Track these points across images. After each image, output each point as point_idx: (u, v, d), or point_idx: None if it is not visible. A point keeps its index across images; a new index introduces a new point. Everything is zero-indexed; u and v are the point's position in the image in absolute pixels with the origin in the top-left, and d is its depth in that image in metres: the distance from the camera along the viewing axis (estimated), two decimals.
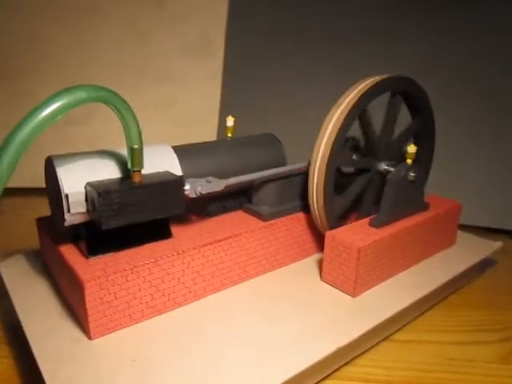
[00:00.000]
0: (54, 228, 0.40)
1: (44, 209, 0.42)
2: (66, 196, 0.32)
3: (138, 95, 0.83)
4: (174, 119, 0.85)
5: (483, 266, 0.55)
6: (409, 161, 0.43)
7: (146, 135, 0.38)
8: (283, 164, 0.46)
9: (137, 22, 0.81)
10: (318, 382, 0.36)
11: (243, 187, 0.43)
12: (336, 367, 0.37)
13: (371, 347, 0.40)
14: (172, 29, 0.82)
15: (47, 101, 0.25)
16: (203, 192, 0.37)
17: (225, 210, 0.44)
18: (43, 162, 0.36)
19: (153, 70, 0.83)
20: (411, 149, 0.43)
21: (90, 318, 0.32)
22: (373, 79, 0.42)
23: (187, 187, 0.36)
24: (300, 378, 0.32)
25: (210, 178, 0.38)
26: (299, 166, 0.44)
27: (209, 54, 0.83)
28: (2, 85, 0.82)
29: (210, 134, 0.86)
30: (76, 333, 0.34)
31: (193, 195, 0.37)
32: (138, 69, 0.83)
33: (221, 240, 0.38)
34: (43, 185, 0.37)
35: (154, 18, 0.81)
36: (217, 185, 0.38)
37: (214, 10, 0.82)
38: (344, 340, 0.33)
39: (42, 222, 0.43)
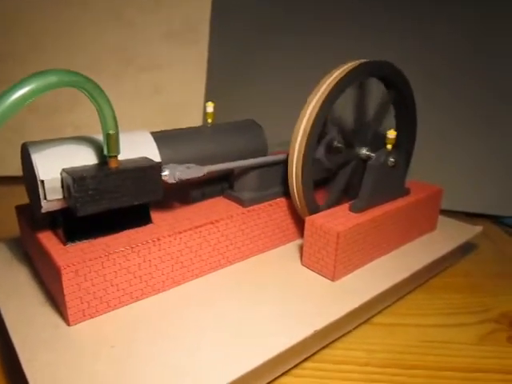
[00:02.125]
0: (32, 215, 0.40)
1: (26, 197, 0.41)
2: (42, 182, 0.31)
3: (123, 83, 0.83)
4: (159, 107, 0.85)
5: (464, 250, 0.55)
6: (389, 146, 0.43)
7: (131, 123, 0.38)
8: (264, 149, 0.46)
9: (121, 9, 0.80)
10: (298, 363, 0.36)
11: (224, 173, 0.43)
12: (316, 349, 0.37)
13: (351, 330, 0.40)
14: (157, 16, 0.81)
15: (17, 85, 0.25)
16: (182, 178, 0.37)
17: (206, 196, 0.44)
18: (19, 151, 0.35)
19: (137, 58, 0.83)
20: (391, 134, 0.43)
21: (67, 304, 0.32)
22: (348, 65, 0.42)
23: (166, 173, 0.36)
24: (279, 360, 0.33)
25: (189, 165, 0.38)
26: (280, 155, 0.44)
27: (194, 41, 0.83)
28: None
29: (196, 121, 0.85)
30: (55, 319, 0.34)
31: (172, 181, 0.36)
32: (122, 56, 0.82)
33: (199, 226, 0.38)
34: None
35: (138, 6, 0.80)
36: (197, 171, 0.38)
37: None
38: (322, 323, 0.34)
39: (21, 210, 0.42)
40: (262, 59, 0.77)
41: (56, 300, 0.35)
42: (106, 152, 0.32)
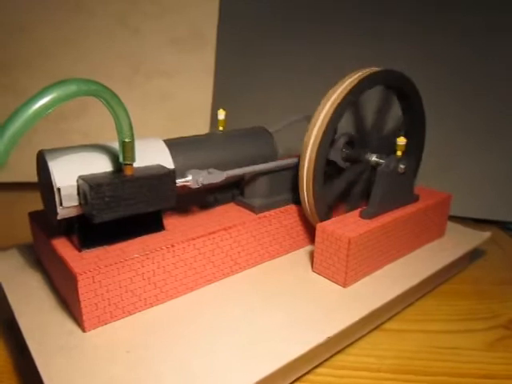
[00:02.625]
0: (46, 222, 0.40)
1: (37, 203, 0.42)
2: (58, 189, 0.32)
3: (131, 90, 0.83)
4: (167, 113, 0.85)
5: (473, 256, 0.56)
6: (399, 153, 0.44)
7: (139, 129, 0.38)
8: (274, 156, 0.46)
9: (128, 16, 0.80)
10: (311, 370, 0.36)
11: (235, 180, 0.43)
12: (328, 356, 0.38)
13: (362, 336, 0.41)
14: (163, 23, 0.82)
15: (38, 95, 0.25)
16: (205, 182, 0.38)
17: (217, 202, 0.44)
18: (33, 157, 0.36)
19: (145, 65, 0.83)
20: (401, 141, 0.43)
21: (83, 311, 0.33)
22: (361, 72, 0.42)
23: (189, 178, 0.37)
24: (292, 367, 0.33)
25: (210, 170, 0.39)
26: (291, 160, 0.45)
27: (201, 47, 0.83)
28: None
29: (203, 127, 0.86)
30: (70, 325, 0.34)
31: (195, 186, 0.37)
32: (130, 64, 0.83)
33: (212, 232, 0.39)
34: (34, 179, 0.37)
35: (144, 13, 0.81)
36: (218, 176, 0.39)
37: (205, 3, 0.82)
38: (334, 329, 0.34)
39: (34, 216, 0.43)
40: (269, 65, 0.78)
41: (70, 306, 0.35)
42: (121, 160, 0.33)
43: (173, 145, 0.39)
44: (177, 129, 0.85)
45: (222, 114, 0.44)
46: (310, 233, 0.47)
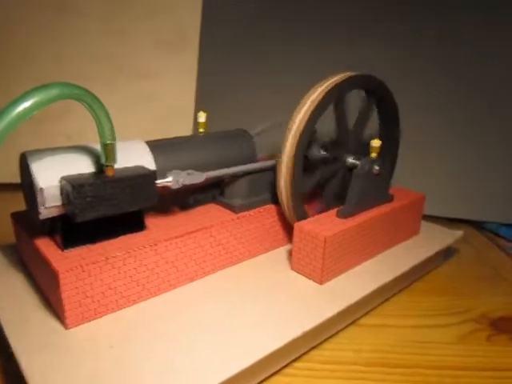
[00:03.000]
0: (29, 222, 0.41)
1: (21, 204, 0.42)
2: (41, 190, 0.33)
3: (114, 91, 0.84)
4: (150, 114, 0.86)
5: (446, 254, 0.57)
6: (373, 154, 0.45)
7: (122, 131, 0.39)
8: (253, 157, 0.47)
9: (112, 18, 0.81)
10: (288, 363, 0.38)
11: (215, 181, 0.45)
12: (305, 350, 0.39)
13: (339, 331, 0.42)
14: (147, 25, 0.82)
15: (20, 98, 0.26)
16: (185, 183, 0.39)
17: (197, 202, 0.45)
18: (16, 158, 0.36)
19: (129, 66, 0.84)
20: (376, 143, 0.45)
21: (65, 308, 0.33)
22: (338, 76, 0.44)
23: (170, 179, 0.38)
24: (270, 360, 0.34)
25: (190, 171, 0.40)
26: (270, 162, 0.46)
27: (184, 49, 0.84)
28: None
29: (186, 129, 0.87)
30: (52, 323, 0.35)
31: (176, 186, 0.38)
32: (113, 65, 0.83)
33: (193, 231, 0.40)
34: (17, 180, 0.38)
35: (129, 15, 0.82)
36: (198, 177, 0.40)
37: (188, 6, 0.83)
38: (310, 324, 0.35)
39: (17, 217, 0.43)
40: (251, 67, 0.79)
41: (53, 304, 0.36)
42: (103, 161, 0.34)
43: (154, 146, 0.40)
44: (160, 130, 0.86)
45: (202, 117, 0.46)
46: (289, 232, 0.48)
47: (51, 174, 0.33)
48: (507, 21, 0.63)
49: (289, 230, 0.48)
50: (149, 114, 0.86)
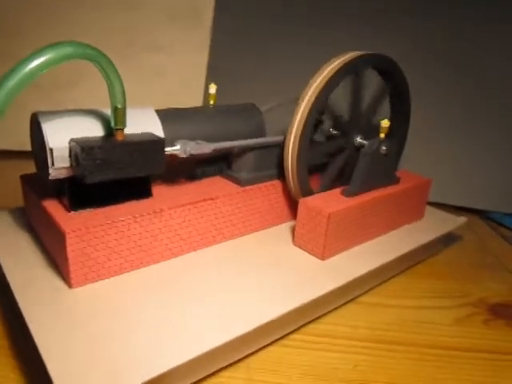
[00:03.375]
0: (38, 184, 0.41)
1: (28, 170, 0.43)
2: (51, 150, 0.33)
3: (125, 64, 0.83)
4: (160, 88, 0.86)
5: (449, 240, 0.58)
6: (382, 135, 0.45)
7: (133, 103, 0.39)
8: (262, 132, 0.47)
9: None
10: (286, 335, 0.38)
11: (223, 154, 0.45)
12: (303, 323, 0.40)
13: (338, 307, 0.43)
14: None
15: (34, 54, 0.26)
16: (193, 152, 0.39)
17: (205, 174, 0.46)
18: (26, 126, 0.37)
19: (141, 38, 0.84)
20: (384, 123, 0.45)
21: (70, 268, 0.34)
22: (350, 54, 0.44)
23: (178, 147, 0.38)
24: (268, 329, 0.35)
25: (198, 141, 0.40)
26: (278, 137, 0.46)
27: (197, 24, 0.84)
28: None
29: (195, 104, 0.87)
30: (57, 282, 0.36)
31: (183, 155, 0.39)
32: (126, 36, 0.83)
33: (198, 201, 0.40)
34: (28, 148, 0.38)
35: None
36: (205, 147, 0.40)
37: None
38: (308, 297, 0.36)
39: (26, 179, 0.44)
40: (263, 46, 0.79)
41: (59, 265, 0.37)
42: (113, 125, 0.34)
43: (164, 115, 0.40)
44: (169, 104, 0.86)
45: (213, 88, 0.46)
46: (293, 208, 0.48)
47: (61, 135, 0.34)
48: None
49: (293, 206, 0.48)
50: (159, 87, 0.86)
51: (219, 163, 0.47)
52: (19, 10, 0.80)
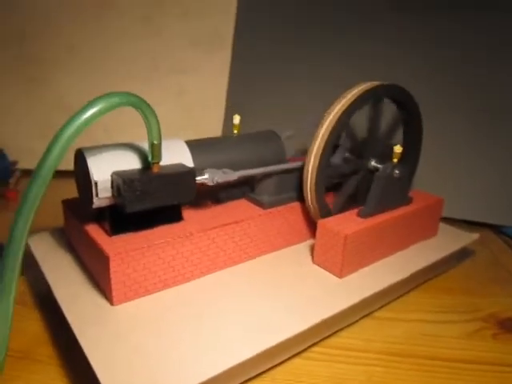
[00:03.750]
0: (78, 209, 0.46)
1: (63, 189, 0.48)
2: (96, 183, 0.37)
3: (150, 87, 0.89)
4: (182, 110, 0.91)
5: (462, 255, 0.60)
6: (395, 160, 0.49)
7: None
8: (283, 157, 0.51)
9: (152, 17, 0.85)
10: (307, 348, 0.41)
11: (247, 179, 0.49)
12: (322, 337, 0.43)
13: (354, 322, 0.46)
14: (184, 23, 0.87)
15: (86, 106, 0.30)
16: (220, 181, 0.43)
17: (229, 198, 0.49)
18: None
19: (164, 62, 0.89)
20: (397, 149, 0.48)
21: (113, 287, 0.38)
22: (365, 85, 0.47)
23: (206, 176, 0.42)
24: (291, 344, 0.38)
25: (225, 170, 0.44)
26: (297, 163, 0.50)
27: (218, 48, 0.88)
28: (19, 73, 0.87)
29: (216, 125, 0.91)
30: (99, 299, 0.40)
31: (211, 183, 0.43)
32: (150, 60, 0.88)
33: (225, 224, 0.44)
34: (62, 167, 0.42)
35: (167, 13, 0.86)
36: (231, 176, 0.44)
37: (224, 6, 0.87)
38: (328, 313, 0.39)
39: (68, 204, 0.48)
40: (281, 70, 0.82)
41: (100, 283, 0.41)
42: (150, 159, 0.38)
43: (193, 146, 0.44)
44: (191, 126, 0.91)
45: (236, 119, 0.49)
46: (312, 228, 0.52)
47: (104, 169, 0.38)
48: None
49: (312, 226, 0.52)
50: (181, 109, 0.91)
51: (243, 187, 0.50)
52: (48, 36, 0.86)
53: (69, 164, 0.43)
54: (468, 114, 0.70)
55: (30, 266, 0.47)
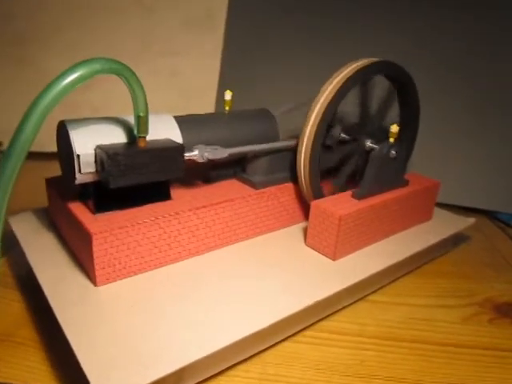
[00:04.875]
0: (62, 187, 0.44)
1: (48, 170, 0.46)
2: (78, 156, 0.35)
3: (140, 66, 0.86)
4: (173, 90, 0.88)
5: (457, 240, 0.59)
6: (391, 139, 0.47)
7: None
8: (276, 137, 0.49)
9: None
10: (298, 331, 0.40)
11: (238, 157, 0.47)
12: (314, 320, 0.41)
13: (348, 305, 0.44)
14: (176, 3, 0.84)
15: (66, 72, 0.28)
16: (210, 157, 0.41)
17: (220, 177, 0.48)
18: (46, 128, 0.39)
19: (156, 43, 0.86)
20: (394, 128, 0.46)
21: (96, 267, 0.36)
22: (361, 62, 0.45)
23: (196, 152, 0.40)
24: (281, 326, 0.37)
25: (215, 146, 0.42)
26: (291, 142, 0.48)
27: (210, 29, 0.86)
28: (6, 53, 0.84)
29: (208, 106, 0.89)
30: (83, 280, 0.38)
31: (200, 160, 0.41)
32: (141, 40, 0.86)
33: (215, 204, 0.42)
34: (46, 149, 0.40)
35: None
36: (221, 152, 0.42)
37: None
38: (321, 295, 0.38)
39: (51, 182, 0.46)
40: (275, 50, 0.80)
41: (84, 264, 0.39)
42: (136, 132, 0.36)
43: (182, 121, 0.42)
44: (182, 106, 0.89)
45: (228, 95, 0.47)
46: (305, 210, 0.50)
47: (87, 142, 0.36)
48: None
49: (305, 208, 0.50)
50: (172, 89, 0.88)
51: (233, 166, 0.49)
52: (36, 16, 0.83)
53: (52, 145, 0.41)
54: (466, 101, 0.68)
55: (12, 246, 0.45)
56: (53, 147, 0.41)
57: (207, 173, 0.47)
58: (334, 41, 0.74)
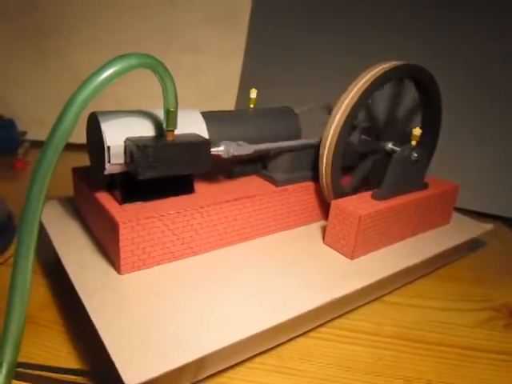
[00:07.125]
0: (88, 177, 0.45)
1: (73, 161, 0.47)
2: (108, 148, 0.36)
3: (163, 60, 0.87)
4: (196, 86, 0.89)
5: (474, 245, 0.59)
6: (413, 142, 0.47)
7: None
8: (298, 135, 0.50)
9: None
10: (314, 328, 0.41)
11: (260, 154, 0.48)
12: (331, 317, 0.42)
13: (363, 305, 0.45)
14: (200, 1, 0.85)
15: (104, 67, 0.29)
16: (235, 153, 0.42)
17: (243, 174, 0.48)
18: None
19: (180, 38, 0.87)
20: (416, 131, 0.47)
21: (121, 256, 0.37)
22: (385, 65, 0.46)
23: (221, 148, 0.41)
24: (299, 321, 0.37)
25: (240, 142, 0.43)
26: (314, 140, 0.48)
27: (234, 27, 0.87)
28: (31, 44, 0.86)
29: (229, 102, 0.90)
30: (107, 268, 0.39)
31: (226, 156, 0.41)
32: (165, 35, 0.87)
33: (237, 199, 0.43)
34: (73, 140, 0.41)
35: None
36: (246, 149, 0.43)
37: None
38: (338, 293, 0.38)
39: (77, 172, 0.47)
40: (296, 48, 0.81)
41: (109, 252, 0.40)
42: (164, 126, 0.37)
43: (208, 117, 0.43)
44: (204, 102, 0.90)
45: (253, 93, 0.48)
46: (324, 209, 0.51)
47: (118, 134, 0.37)
48: None
49: (324, 207, 0.51)
50: (195, 85, 0.89)
51: (256, 163, 0.49)
52: (61, 7, 0.84)
53: (76, 136, 0.42)
54: (485, 108, 0.68)
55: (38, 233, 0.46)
56: (76, 138, 0.42)
57: (230, 168, 0.48)
58: (358, 44, 0.74)
